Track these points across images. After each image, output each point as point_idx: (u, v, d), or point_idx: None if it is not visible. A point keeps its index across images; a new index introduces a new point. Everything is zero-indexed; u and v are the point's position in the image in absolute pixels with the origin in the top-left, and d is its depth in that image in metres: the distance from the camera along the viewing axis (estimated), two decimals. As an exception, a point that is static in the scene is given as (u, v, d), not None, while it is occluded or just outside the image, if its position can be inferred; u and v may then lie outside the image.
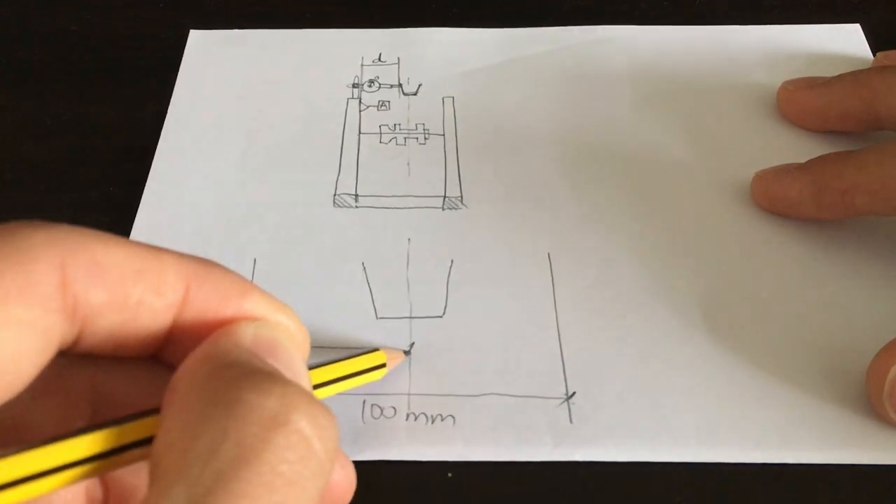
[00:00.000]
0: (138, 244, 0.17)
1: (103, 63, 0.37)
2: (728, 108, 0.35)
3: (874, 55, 0.36)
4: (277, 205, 0.32)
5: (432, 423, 0.26)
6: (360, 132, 0.34)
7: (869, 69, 0.32)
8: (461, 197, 0.32)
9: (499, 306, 0.29)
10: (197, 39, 0.38)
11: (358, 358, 0.24)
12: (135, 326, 0.17)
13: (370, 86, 0.36)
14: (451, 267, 0.30)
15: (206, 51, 0.37)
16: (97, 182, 0.33)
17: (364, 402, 0.26)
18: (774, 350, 0.27)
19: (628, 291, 0.29)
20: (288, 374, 0.16)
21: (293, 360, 0.17)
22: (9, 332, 0.14)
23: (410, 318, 0.28)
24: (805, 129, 0.34)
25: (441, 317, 0.28)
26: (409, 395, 0.26)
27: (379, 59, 0.37)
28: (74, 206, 0.32)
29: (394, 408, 0.26)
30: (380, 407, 0.26)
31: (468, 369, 0.27)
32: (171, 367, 0.17)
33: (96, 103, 0.36)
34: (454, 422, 0.26)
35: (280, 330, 0.18)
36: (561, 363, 0.27)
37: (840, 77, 0.32)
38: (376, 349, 0.25)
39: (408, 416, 0.26)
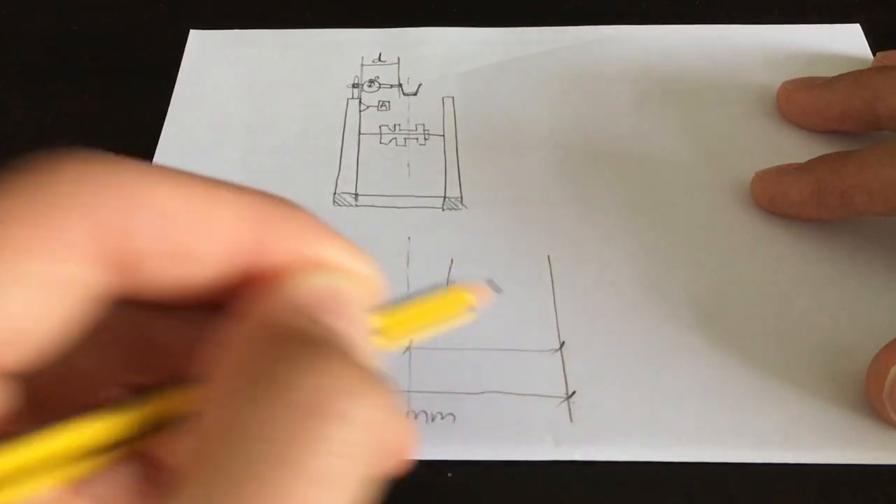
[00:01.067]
0: (190, 178, 0.14)
1: (103, 63, 0.37)
2: (728, 108, 0.35)
3: (874, 55, 0.36)
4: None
5: (432, 421, 0.26)
6: (360, 132, 0.34)
7: (869, 69, 0.32)
8: (461, 197, 0.32)
9: (499, 305, 0.29)
10: (197, 39, 0.38)
11: (438, 299, 0.21)
12: (193, 275, 0.15)
13: (370, 86, 0.36)
14: (450, 266, 0.30)
15: (206, 51, 0.37)
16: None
17: (364, 401, 0.26)
18: (774, 350, 0.27)
19: (628, 291, 0.29)
20: (349, 334, 0.15)
21: (357, 320, 0.15)
22: (22, 291, 0.13)
23: (410, 316, 0.28)
24: (805, 129, 0.34)
25: (441, 315, 0.28)
26: (409, 392, 0.26)
27: (379, 59, 0.37)
28: (74, 206, 0.32)
29: (394, 406, 0.26)
30: (379, 406, 0.26)
31: (468, 367, 0.27)
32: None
33: (96, 103, 0.36)
34: (454, 420, 0.26)
35: (348, 281, 0.16)
36: (561, 362, 0.27)
37: (840, 77, 0.32)
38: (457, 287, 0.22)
39: (408, 413, 0.26)
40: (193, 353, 0.15)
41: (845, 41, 0.37)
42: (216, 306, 0.15)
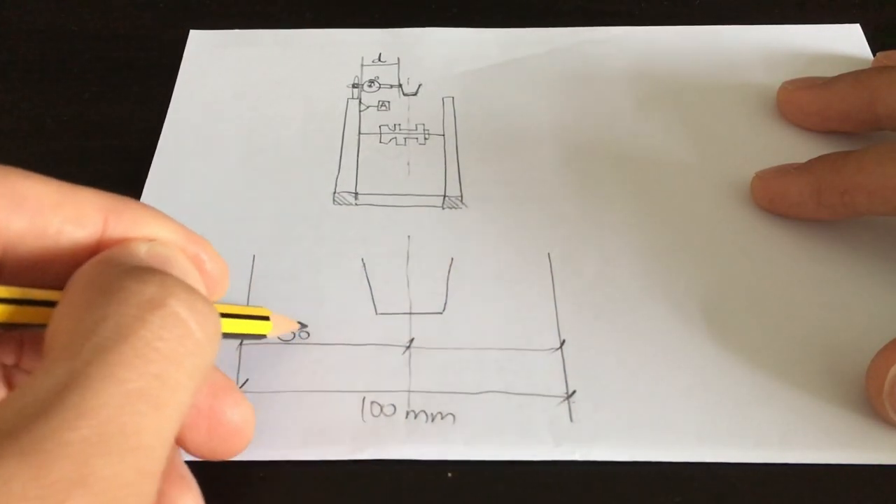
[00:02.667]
0: (57, 180, 0.18)
1: (103, 63, 0.37)
2: (728, 108, 0.35)
3: (874, 55, 0.36)
4: (277, 203, 0.32)
5: (432, 420, 0.26)
6: (360, 132, 0.34)
7: (869, 69, 0.32)
8: (461, 197, 0.32)
9: (499, 304, 0.29)
10: (197, 39, 0.38)
11: (244, 306, 0.25)
12: (58, 255, 0.18)
13: (370, 86, 0.36)
14: (450, 265, 0.30)
15: (206, 51, 0.37)
16: (97, 182, 0.32)
17: (364, 399, 0.26)
18: (774, 350, 0.27)
19: (628, 290, 0.29)
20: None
21: (187, 274, 0.19)
22: None
23: (410, 314, 0.28)
24: (805, 129, 0.34)
25: (441, 313, 0.28)
26: (409, 392, 0.26)
27: (379, 59, 0.37)
28: (74, 206, 0.32)
29: (393, 405, 0.26)
30: (379, 404, 0.26)
31: (468, 367, 0.27)
32: None
33: (96, 103, 0.36)
34: (454, 420, 0.26)
35: (176, 251, 0.19)
36: (561, 362, 0.27)
37: (840, 77, 0.32)
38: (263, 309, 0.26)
39: (407, 413, 0.26)
40: None
41: (845, 41, 0.37)
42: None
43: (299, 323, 0.28)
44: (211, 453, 0.21)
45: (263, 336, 0.26)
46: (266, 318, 0.25)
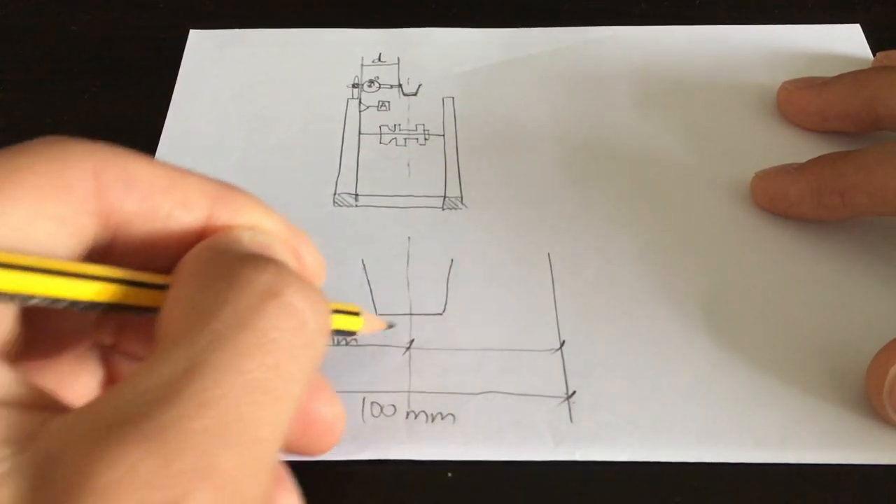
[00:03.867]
0: (168, 164, 0.18)
1: (103, 63, 0.37)
2: (728, 108, 0.35)
3: (874, 55, 0.36)
4: (276, 204, 0.31)
5: (432, 421, 0.26)
6: (360, 132, 0.34)
7: (869, 69, 0.32)
8: (461, 197, 0.32)
9: (499, 305, 0.29)
10: (197, 39, 0.38)
11: (335, 302, 0.24)
12: (166, 239, 0.18)
13: (370, 86, 0.36)
14: (451, 266, 0.30)
15: (206, 51, 0.37)
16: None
17: (364, 399, 0.26)
18: (774, 350, 0.27)
19: (628, 291, 0.29)
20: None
21: (287, 263, 0.18)
22: (43, 225, 0.16)
23: (410, 314, 0.28)
24: (805, 129, 0.34)
25: (441, 314, 0.28)
26: (409, 392, 0.26)
27: (379, 59, 0.37)
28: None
29: (393, 406, 0.26)
30: (379, 405, 0.26)
31: (468, 367, 0.27)
32: None
33: (96, 103, 0.36)
34: (454, 420, 0.26)
35: (275, 241, 0.19)
36: (561, 362, 0.27)
37: (840, 77, 0.32)
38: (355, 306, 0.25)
39: (408, 414, 0.26)
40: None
41: (845, 41, 0.37)
42: None
43: (387, 323, 0.27)
44: (302, 451, 0.21)
45: (353, 333, 0.25)
46: (356, 314, 0.25)
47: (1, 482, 0.13)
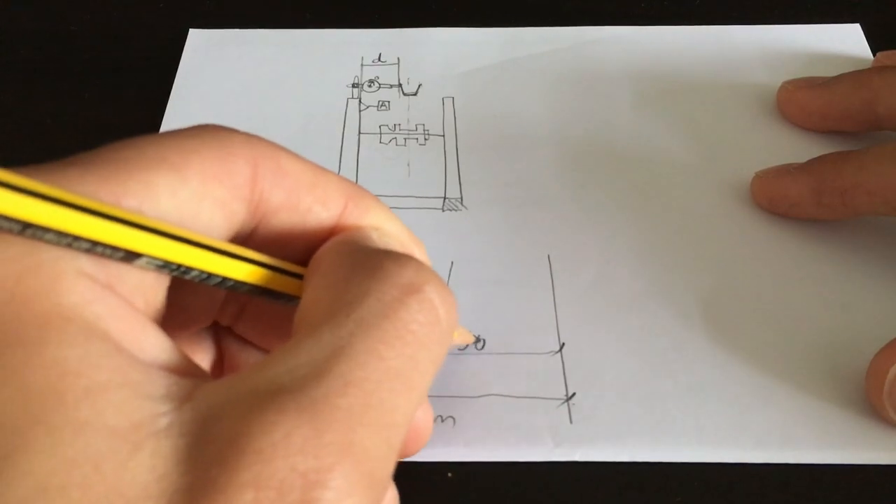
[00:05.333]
0: (311, 162, 0.19)
1: (103, 63, 0.37)
2: (728, 108, 0.35)
3: (874, 55, 0.36)
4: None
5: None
6: (359, 132, 0.34)
7: (869, 69, 0.32)
8: (461, 198, 0.32)
9: (499, 306, 0.29)
10: (196, 38, 0.38)
11: None
12: (302, 231, 0.19)
13: (370, 86, 0.36)
14: (451, 268, 0.30)
15: (206, 50, 0.37)
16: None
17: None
18: (774, 350, 0.27)
19: (628, 291, 0.29)
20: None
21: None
22: (207, 205, 0.17)
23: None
24: (805, 129, 0.34)
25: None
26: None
27: (379, 59, 0.37)
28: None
29: (394, 408, 0.26)
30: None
31: (469, 371, 0.27)
32: None
33: (96, 103, 0.36)
34: (454, 422, 0.26)
35: (396, 243, 0.20)
36: (561, 364, 0.27)
37: (840, 77, 0.32)
38: None
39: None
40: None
41: (845, 41, 0.37)
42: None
43: (475, 336, 0.27)
44: None
45: None
46: None
47: (163, 435, 0.14)
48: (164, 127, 0.34)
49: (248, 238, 0.18)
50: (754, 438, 0.25)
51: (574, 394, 0.26)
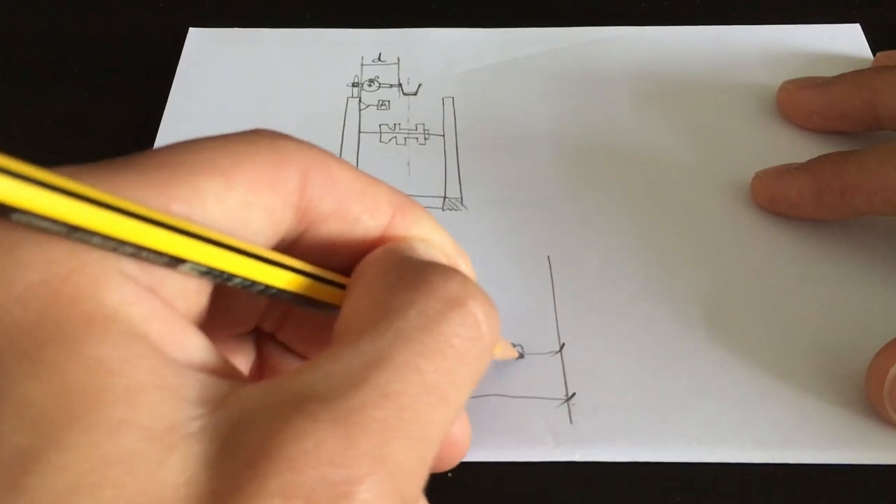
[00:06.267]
0: (361, 171, 0.19)
1: (103, 63, 0.37)
2: (728, 108, 0.35)
3: (874, 55, 0.36)
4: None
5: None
6: (359, 131, 0.34)
7: (869, 69, 0.32)
8: (461, 198, 0.32)
9: (499, 307, 0.29)
10: (196, 37, 0.38)
11: None
12: (348, 240, 0.19)
13: (370, 85, 0.36)
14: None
15: (205, 49, 0.37)
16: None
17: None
18: (774, 350, 0.27)
19: (628, 292, 0.29)
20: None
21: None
22: (254, 212, 0.17)
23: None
24: (805, 129, 0.34)
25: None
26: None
27: (379, 59, 0.37)
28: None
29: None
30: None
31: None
32: None
33: (96, 103, 0.36)
34: (454, 422, 0.26)
35: (441, 256, 0.20)
36: (561, 364, 0.27)
37: (840, 77, 0.32)
38: None
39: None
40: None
41: (845, 41, 0.37)
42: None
43: (519, 352, 0.27)
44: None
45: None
46: None
47: (194, 439, 0.14)
48: (163, 126, 0.34)
49: (294, 244, 0.18)
50: (754, 438, 0.25)
51: (574, 394, 0.26)
